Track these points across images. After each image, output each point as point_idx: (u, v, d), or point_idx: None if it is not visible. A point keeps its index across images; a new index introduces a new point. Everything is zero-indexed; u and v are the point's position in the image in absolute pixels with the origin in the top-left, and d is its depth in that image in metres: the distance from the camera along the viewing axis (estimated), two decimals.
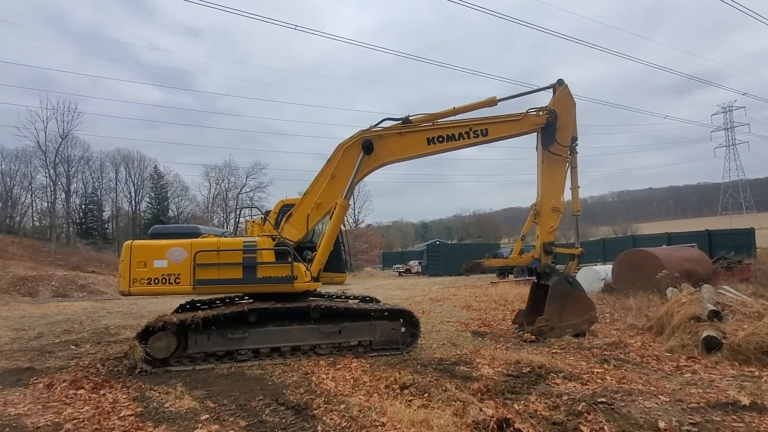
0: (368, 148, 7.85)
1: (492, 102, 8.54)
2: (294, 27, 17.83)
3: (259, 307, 7.15)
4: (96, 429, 4.46)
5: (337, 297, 8.70)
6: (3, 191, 53.88)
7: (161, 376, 6.46)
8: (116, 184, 60.00)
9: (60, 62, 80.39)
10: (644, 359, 6.91)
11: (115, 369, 6.90)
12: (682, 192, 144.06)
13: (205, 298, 8.40)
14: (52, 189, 50.07)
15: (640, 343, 7.87)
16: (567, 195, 8.92)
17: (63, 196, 51.92)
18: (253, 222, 8.72)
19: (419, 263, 42.71)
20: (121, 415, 4.85)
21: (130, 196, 60.63)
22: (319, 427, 4.38)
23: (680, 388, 5.41)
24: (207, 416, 4.79)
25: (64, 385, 5.92)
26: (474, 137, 8.22)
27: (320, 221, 8.06)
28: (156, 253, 7.10)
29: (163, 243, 7.24)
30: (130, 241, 7.40)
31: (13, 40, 75.67)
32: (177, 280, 7.04)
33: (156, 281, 7.02)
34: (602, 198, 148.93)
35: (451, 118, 8.38)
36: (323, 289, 8.88)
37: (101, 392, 5.65)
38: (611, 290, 13.91)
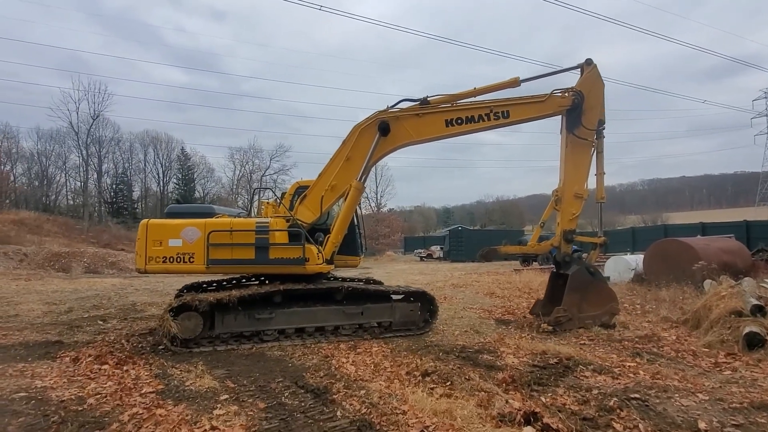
0: (384, 130, 7.61)
1: (515, 83, 8.11)
2: (319, 8, 17.70)
3: (290, 288, 7.15)
4: (117, 405, 4.48)
5: (343, 279, 8.62)
6: (39, 171, 55.95)
7: (183, 353, 6.51)
8: (145, 164, 61.63)
9: (91, 44, 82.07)
10: (679, 354, 6.57)
11: (139, 345, 7.00)
12: (718, 181, 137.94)
13: (208, 279, 8.59)
14: (85, 169, 51.70)
15: (674, 337, 7.50)
16: (591, 182, 8.47)
17: (95, 175, 53.61)
18: (267, 203, 8.67)
19: (441, 248, 42.44)
20: (143, 391, 4.87)
21: (158, 176, 62.18)
22: (338, 413, 4.28)
23: (720, 387, 5.10)
24: (226, 396, 4.76)
25: (89, 359, 6.02)
26: (495, 119, 7.84)
27: (335, 203, 7.94)
28: (171, 232, 7.14)
29: (178, 222, 7.25)
30: (146, 220, 7.44)
31: (47, 23, 77.60)
32: (191, 260, 7.07)
33: (171, 260, 7.06)
34: (632, 186, 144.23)
35: (472, 99, 8.04)
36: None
37: (124, 368, 5.71)
38: (642, 281, 13.41)
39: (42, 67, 79.45)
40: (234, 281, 8.58)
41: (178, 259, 7.09)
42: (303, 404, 4.55)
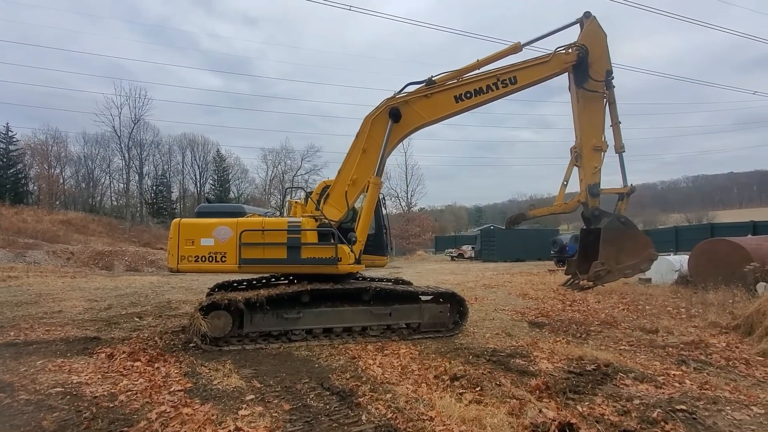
0: (396, 116, 7.56)
1: (517, 48, 8.03)
2: (349, 8, 17.73)
3: (318, 287, 7.10)
4: (147, 402, 4.53)
5: (371, 279, 8.50)
6: (86, 173, 58.85)
7: (213, 352, 6.57)
8: (183, 166, 63.79)
9: (131, 52, 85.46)
10: (730, 362, 6.11)
11: (171, 343, 7.12)
12: None
13: (239, 278, 8.71)
14: (127, 171, 53.95)
15: (724, 344, 7.00)
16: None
17: (136, 177, 55.86)
18: (296, 203, 8.69)
19: (472, 248, 41.86)
20: (172, 389, 4.92)
21: (195, 178, 64.23)
22: (363, 417, 4.18)
23: None
24: (252, 397, 4.74)
25: (123, 356, 6.16)
26: (503, 87, 7.80)
27: (359, 198, 7.82)
28: (203, 231, 7.20)
29: (210, 222, 7.30)
30: (178, 219, 7.56)
31: (91, 32, 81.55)
32: (223, 259, 7.10)
33: (203, 259, 7.12)
34: (674, 183, 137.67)
35: (477, 71, 7.96)
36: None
37: (156, 365, 5.80)
38: (686, 283, 12.70)
39: (87, 75, 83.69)
40: (264, 280, 8.63)
41: (210, 258, 7.14)
42: (328, 407, 4.47)
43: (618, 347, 6.89)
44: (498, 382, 5.12)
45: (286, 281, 8.20)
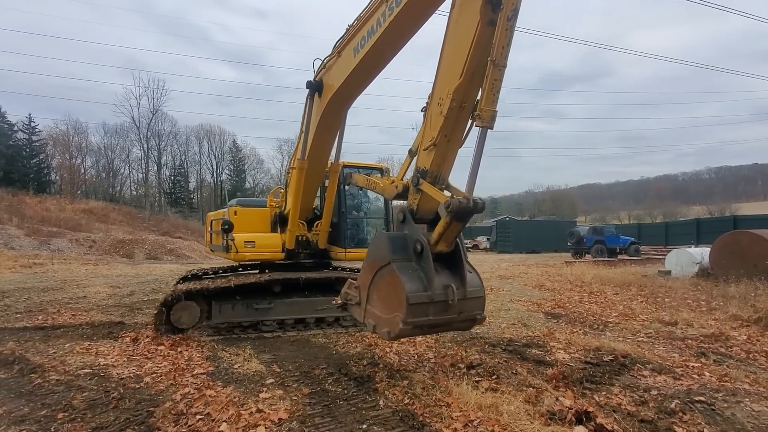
0: (315, 87, 6.24)
1: None
2: None
3: (284, 278, 7.03)
4: (171, 384, 4.68)
5: (351, 270, 8.02)
6: (106, 163, 60.01)
7: (232, 338, 6.73)
8: (200, 157, 64.55)
9: (148, 44, 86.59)
10: (751, 355, 6.03)
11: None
12: None
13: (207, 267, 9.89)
14: (145, 161, 54.81)
15: (745, 337, 6.89)
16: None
17: (155, 167, 56.73)
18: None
19: (488, 239, 41.73)
20: (194, 372, 5.06)
21: (212, 168, 64.97)
22: (381, 402, 4.25)
23: None
24: (272, 380, 4.86)
25: (147, 340, 6.35)
26: (389, 14, 4.57)
27: (301, 184, 6.89)
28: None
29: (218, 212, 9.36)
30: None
31: (110, 26, 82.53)
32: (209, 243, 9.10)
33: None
34: (697, 174, 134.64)
35: None
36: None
37: (179, 349, 5.97)
38: (707, 275, 12.47)
39: (102, 66, 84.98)
40: (230, 270, 8.43)
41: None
42: (346, 392, 4.56)
43: (636, 339, 6.84)
44: (514, 371, 5.14)
45: (258, 271, 7.96)
